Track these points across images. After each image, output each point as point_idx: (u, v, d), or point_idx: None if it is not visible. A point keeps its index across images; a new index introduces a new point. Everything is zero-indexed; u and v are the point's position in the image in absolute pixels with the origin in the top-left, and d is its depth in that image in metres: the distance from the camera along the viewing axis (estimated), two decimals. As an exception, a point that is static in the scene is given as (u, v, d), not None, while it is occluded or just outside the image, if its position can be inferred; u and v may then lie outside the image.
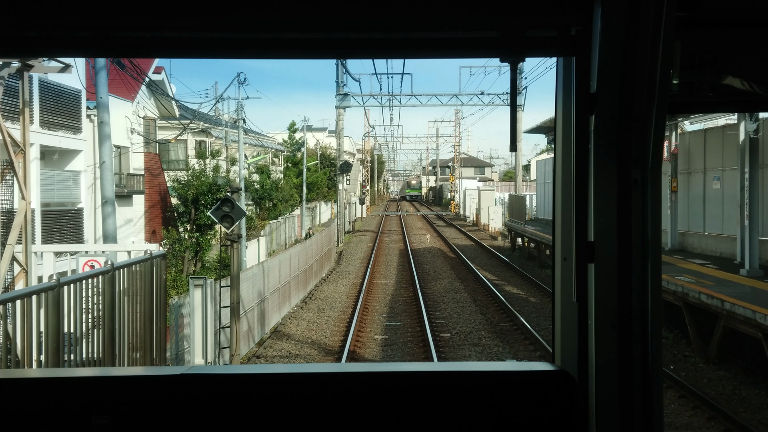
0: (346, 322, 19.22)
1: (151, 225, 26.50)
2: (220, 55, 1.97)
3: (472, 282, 25.86)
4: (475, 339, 17.07)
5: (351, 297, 23.13)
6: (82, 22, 1.86)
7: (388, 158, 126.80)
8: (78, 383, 1.96)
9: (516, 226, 35.46)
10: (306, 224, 46.92)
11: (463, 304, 21.46)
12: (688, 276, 16.24)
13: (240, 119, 29.57)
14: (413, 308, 20.86)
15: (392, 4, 1.86)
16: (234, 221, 12.46)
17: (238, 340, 13.52)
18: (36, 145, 19.05)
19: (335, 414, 1.92)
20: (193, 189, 26.79)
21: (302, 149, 48.81)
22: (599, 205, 1.87)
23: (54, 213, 20.25)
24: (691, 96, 2.07)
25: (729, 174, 19.54)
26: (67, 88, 20.26)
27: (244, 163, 31.09)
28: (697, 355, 14.55)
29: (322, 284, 26.61)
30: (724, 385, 12.80)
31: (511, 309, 19.81)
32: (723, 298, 13.42)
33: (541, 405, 1.92)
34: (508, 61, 2.01)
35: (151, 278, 7.15)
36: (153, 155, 27.75)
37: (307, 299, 23.44)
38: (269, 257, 31.42)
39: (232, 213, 12.39)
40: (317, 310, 21.29)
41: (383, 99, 43.79)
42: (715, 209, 20.34)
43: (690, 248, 21.56)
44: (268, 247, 35.64)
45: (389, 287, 24.94)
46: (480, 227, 50.51)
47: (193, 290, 11.53)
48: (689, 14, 1.91)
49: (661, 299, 1.93)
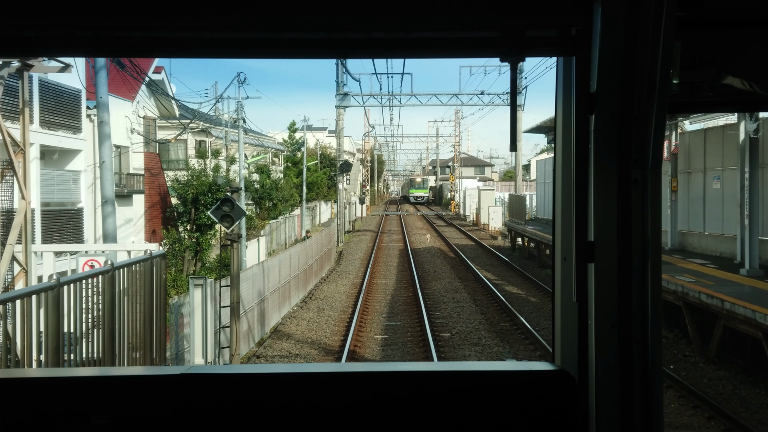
0: (346, 321, 19.22)
1: (151, 225, 26.50)
2: (220, 54, 1.97)
3: (472, 282, 25.86)
4: (475, 339, 17.07)
5: (351, 297, 23.13)
6: (82, 21, 1.85)
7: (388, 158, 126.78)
8: (78, 383, 1.96)
9: (516, 225, 35.46)
10: (306, 224, 46.93)
11: (463, 303, 21.46)
12: (688, 276, 16.24)
13: (240, 119, 29.55)
14: (413, 308, 20.86)
15: (392, 4, 1.85)
16: (234, 221, 12.46)
17: (238, 340, 13.52)
18: (36, 145, 19.06)
19: (335, 414, 1.91)
20: (192, 189, 26.78)
21: (302, 149, 48.81)
22: (599, 205, 1.87)
23: (54, 213, 20.25)
24: (691, 96, 2.07)
25: (729, 174, 19.53)
26: (67, 87, 20.25)
27: (243, 162, 31.10)
28: (697, 355, 14.55)
29: (322, 284, 26.62)
30: (724, 385, 12.80)
31: (511, 309, 19.81)
32: (723, 298, 13.42)
33: (541, 405, 1.92)
34: (508, 61, 2.00)
35: (151, 278, 7.14)
36: (153, 155, 27.75)
37: (307, 299, 23.45)
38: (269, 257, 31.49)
39: (232, 213, 12.39)
40: (317, 309, 21.29)
41: (383, 99, 43.81)
42: (715, 209, 20.33)
43: (690, 248, 21.56)
44: (268, 246, 35.62)
45: (389, 287, 24.95)
46: (480, 227, 50.50)
47: (193, 290, 11.52)
48: (689, 14, 1.91)
49: (661, 299, 1.92)
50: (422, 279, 26.04)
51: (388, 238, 43.63)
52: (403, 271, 28.92)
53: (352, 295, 23.36)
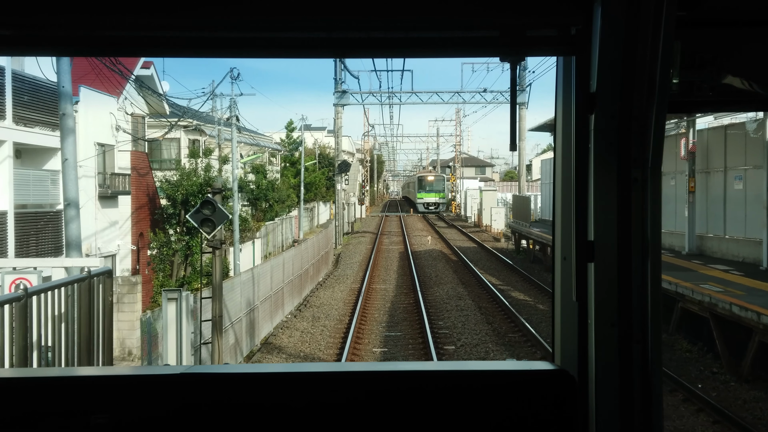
0: (342, 332, 17.92)
1: (139, 227, 25.17)
2: (218, 54, 1.97)
3: (476, 287, 24.55)
4: (483, 352, 15.77)
5: (348, 304, 21.82)
6: (71, 19, 1.82)
7: (387, 158, 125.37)
8: (77, 383, 1.96)
9: (520, 227, 34.16)
10: (304, 225, 45.69)
11: (468, 312, 20.14)
12: (713, 284, 14.94)
13: (233, 116, 28.26)
14: (414, 316, 19.57)
15: (392, 3, 1.84)
16: (216, 225, 11.12)
17: (221, 356, 12.21)
18: (9, 143, 17.80)
19: (335, 413, 1.91)
20: (182, 189, 25.48)
21: (300, 148, 47.45)
22: (599, 205, 1.86)
23: (30, 216, 18.96)
24: (691, 95, 2.07)
25: (752, 173, 18.24)
26: (44, 81, 18.94)
27: (237, 162, 29.78)
28: (726, 372, 13.24)
29: (319, 290, 25.30)
30: (761, 408, 11.50)
31: (519, 317, 18.50)
32: (759, 311, 12.12)
33: (541, 404, 1.92)
34: (508, 61, 1.98)
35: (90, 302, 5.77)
36: (140, 154, 26.41)
37: (302, 306, 22.14)
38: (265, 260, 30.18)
39: (213, 216, 11.05)
40: (312, 318, 19.97)
41: (383, 96, 42.53)
42: (737, 211, 19.04)
43: (709, 252, 20.24)
44: (264, 249, 34.43)
45: (389, 293, 23.64)
46: (482, 228, 49.23)
47: (166, 305, 10.19)
48: (689, 13, 1.90)
49: (661, 299, 1.87)
50: (424, 284, 24.71)
51: (387, 240, 42.27)
52: (404, 275, 27.60)
53: (349, 302, 22.05)
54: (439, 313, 20.05)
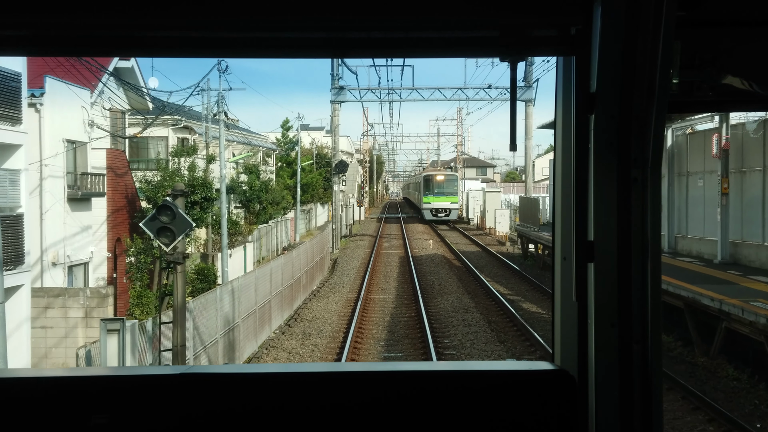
0: (335, 352, 15.87)
1: (116, 232, 23.09)
2: (216, 54, 2.00)
3: (483, 297, 22.48)
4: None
5: (343, 317, 19.75)
6: (62, 20, 1.80)
7: (387, 158, 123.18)
8: (77, 383, 1.96)
9: (528, 231, 32.09)
10: (301, 228, 43.64)
11: (476, 327, 18.07)
12: (765, 302, 12.87)
13: (220, 111, 26.20)
14: (417, 332, 17.52)
15: (392, 3, 1.84)
16: (175, 236, 9.05)
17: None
18: (-43, 138, 15.75)
19: (334, 414, 1.91)
20: (164, 191, 23.40)
21: (296, 148, 45.37)
22: (599, 205, 1.84)
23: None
24: (691, 95, 2.05)
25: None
26: (2, 70, 16.87)
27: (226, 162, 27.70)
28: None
29: (312, 300, 23.22)
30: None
31: (534, 335, 16.44)
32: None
33: (541, 404, 1.92)
34: (508, 61, 1.96)
35: None
36: (118, 152, 24.33)
37: (292, 321, 20.06)
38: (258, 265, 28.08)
39: (172, 224, 8.98)
40: (302, 335, 17.89)
41: (382, 93, 40.40)
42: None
43: (745, 261, 18.16)
44: (257, 254, 32.39)
45: (388, 304, 21.57)
46: (485, 231, 47.18)
47: (105, 337, 8.13)
48: (689, 13, 1.89)
49: (661, 298, 1.84)
50: (426, 294, 22.64)
51: (387, 244, 40.15)
52: (404, 283, 25.53)
53: (344, 315, 19.98)
54: (444, 328, 17.99)
